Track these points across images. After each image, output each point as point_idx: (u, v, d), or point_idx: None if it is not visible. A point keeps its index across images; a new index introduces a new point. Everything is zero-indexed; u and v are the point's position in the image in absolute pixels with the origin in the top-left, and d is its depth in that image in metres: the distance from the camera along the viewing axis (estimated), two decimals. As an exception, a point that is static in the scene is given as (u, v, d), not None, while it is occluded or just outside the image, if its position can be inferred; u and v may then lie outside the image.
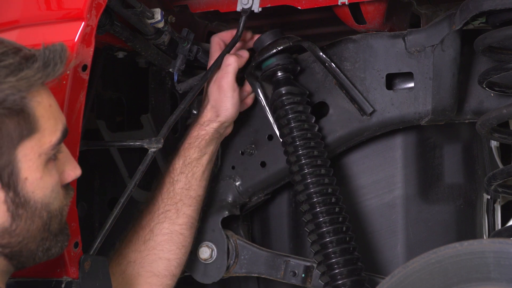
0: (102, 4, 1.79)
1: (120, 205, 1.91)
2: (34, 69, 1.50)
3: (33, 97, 1.51)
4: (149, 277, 2.01)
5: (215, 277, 2.16)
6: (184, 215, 2.05)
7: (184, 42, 2.08)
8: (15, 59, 1.50)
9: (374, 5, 2.00)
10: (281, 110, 2.05)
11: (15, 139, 1.50)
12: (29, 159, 1.52)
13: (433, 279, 1.60)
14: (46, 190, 1.56)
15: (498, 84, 1.93)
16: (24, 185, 1.52)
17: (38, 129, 1.52)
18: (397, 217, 2.16)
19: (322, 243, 1.96)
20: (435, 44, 1.97)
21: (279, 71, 2.08)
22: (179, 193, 2.05)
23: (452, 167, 2.19)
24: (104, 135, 2.21)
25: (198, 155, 2.06)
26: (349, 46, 2.07)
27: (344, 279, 1.93)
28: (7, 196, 1.52)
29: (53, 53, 1.52)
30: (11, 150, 1.50)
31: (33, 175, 1.53)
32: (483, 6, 1.80)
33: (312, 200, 1.98)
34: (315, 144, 2.03)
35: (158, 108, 2.21)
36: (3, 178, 1.50)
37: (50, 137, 1.54)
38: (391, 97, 2.04)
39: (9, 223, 1.53)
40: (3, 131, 1.48)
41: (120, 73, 2.26)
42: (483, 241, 1.66)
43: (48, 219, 1.58)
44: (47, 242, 1.60)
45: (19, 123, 1.49)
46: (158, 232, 2.03)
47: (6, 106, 1.47)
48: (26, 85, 1.49)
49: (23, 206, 1.53)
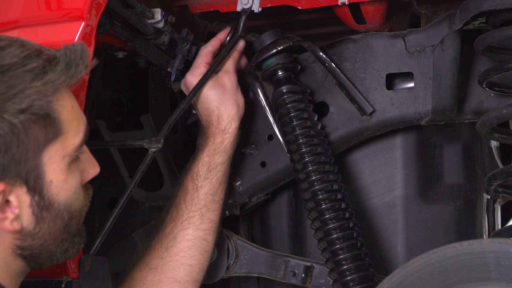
0: (102, 4, 1.79)
1: (120, 205, 1.91)
2: (57, 72, 1.50)
3: (58, 101, 1.51)
4: (171, 283, 1.99)
5: (215, 277, 2.16)
6: (207, 220, 2.04)
7: (183, 43, 2.08)
8: (38, 62, 1.50)
9: (374, 5, 2.00)
10: (283, 109, 2.05)
11: (41, 144, 1.50)
12: (53, 162, 1.52)
13: (433, 279, 1.60)
14: (70, 192, 1.56)
15: (498, 84, 1.93)
16: (49, 188, 1.53)
17: (62, 132, 1.52)
18: (397, 217, 2.16)
19: (329, 240, 1.97)
20: (435, 44, 1.97)
21: (279, 70, 2.08)
22: (203, 198, 2.03)
23: (452, 167, 2.19)
24: (104, 135, 2.22)
25: (223, 159, 2.05)
26: (349, 46, 2.07)
27: (353, 274, 1.94)
28: (33, 199, 1.52)
29: (74, 53, 1.52)
30: (37, 155, 1.50)
31: (58, 177, 1.53)
32: (483, 6, 1.80)
33: (318, 198, 1.98)
34: (319, 141, 2.03)
35: (158, 108, 2.21)
36: (29, 182, 1.50)
37: (73, 138, 1.55)
38: (391, 97, 2.04)
39: (33, 226, 1.54)
40: (30, 136, 1.48)
41: (120, 73, 2.27)
42: (483, 241, 1.66)
43: (69, 220, 1.58)
44: (66, 243, 1.60)
45: (45, 127, 1.49)
46: (181, 238, 2.01)
47: (33, 111, 1.47)
48: (51, 90, 1.49)
49: (47, 209, 1.54)
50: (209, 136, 2.04)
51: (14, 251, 1.55)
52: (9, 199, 1.50)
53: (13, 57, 1.49)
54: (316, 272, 2.11)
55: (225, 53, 2.06)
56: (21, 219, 1.52)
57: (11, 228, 1.51)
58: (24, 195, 1.51)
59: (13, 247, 1.55)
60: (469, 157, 2.21)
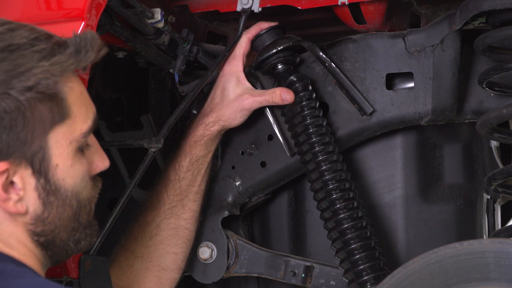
0: (102, 4, 1.79)
1: (120, 205, 1.91)
2: (66, 55, 1.50)
3: (66, 83, 1.51)
4: (157, 271, 2.05)
5: (215, 277, 2.16)
6: (189, 210, 2.09)
7: (184, 43, 2.08)
8: (47, 44, 1.50)
9: (374, 5, 2.00)
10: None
11: (47, 124, 1.49)
12: (60, 146, 1.51)
13: (433, 279, 1.60)
14: (76, 179, 1.55)
15: (498, 84, 1.93)
16: (55, 172, 1.52)
17: (70, 115, 1.52)
18: (397, 217, 2.16)
19: (344, 239, 1.97)
20: (435, 44, 1.97)
21: (279, 64, 2.08)
22: (185, 189, 2.08)
23: (452, 167, 2.19)
24: (104, 135, 2.22)
25: (204, 152, 2.08)
26: (349, 46, 2.07)
27: (369, 274, 1.95)
28: (38, 182, 1.51)
29: (84, 40, 1.52)
30: (43, 136, 1.49)
31: (64, 162, 1.52)
32: (483, 6, 1.80)
33: (332, 197, 1.99)
34: (329, 139, 2.03)
35: (158, 108, 2.21)
36: (34, 164, 1.49)
37: (81, 124, 1.54)
38: (391, 97, 2.04)
39: (41, 211, 1.53)
40: (36, 115, 1.47)
41: (120, 73, 2.27)
42: (483, 241, 1.67)
43: (78, 208, 1.57)
44: (77, 233, 1.59)
45: (51, 108, 1.49)
46: (164, 227, 2.06)
47: (40, 90, 1.47)
48: (59, 70, 1.49)
49: (54, 194, 1.53)
50: (193, 125, 2.08)
51: (32, 237, 1.55)
52: (13, 180, 1.49)
53: (23, 38, 1.49)
54: (316, 272, 2.11)
55: (225, 53, 2.06)
56: (26, 202, 1.51)
57: (15, 209, 1.50)
58: (29, 177, 1.50)
59: (30, 234, 1.54)
60: (469, 157, 2.21)
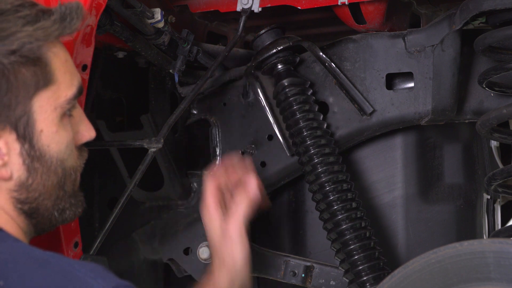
0: (102, 4, 1.79)
1: (120, 205, 1.91)
2: (51, 21, 1.50)
3: (50, 48, 1.51)
4: None
5: (215, 277, 2.16)
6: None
7: (184, 43, 2.08)
8: (32, 10, 1.50)
9: (374, 5, 2.00)
10: (284, 102, 2.05)
11: (31, 89, 1.49)
12: (44, 111, 1.51)
13: (433, 279, 1.60)
14: (61, 145, 1.55)
15: (498, 84, 1.93)
16: (40, 138, 1.52)
17: (54, 81, 1.52)
18: (397, 217, 2.16)
19: (343, 240, 1.97)
20: (435, 44, 1.97)
21: (279, 64, 2.08)
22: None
23: (452, 167, 2.19)
24: (104, 135, 2.21)
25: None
26: (349, 46, 2.07)
27: (368, 275, 1.95)
28: (23, 148, 1.51)
29: (69, 9, 1.52)
30: (27, 100, 1.49)
31: (49, 128, 1.52)
32: (483, 6, 1.80)
33: (329, 199, 1.99)
34: (327, 141, 2.03)
35: (158, 108, 2.21)
36: (18, 129, 1.49)
37: (66, 91, 1.54)
38: (391, 97, 2.04)
39: (26, 177, 1.53)
40: (19, 79, 1.47)
41: (120, 73, 2.26)
42: (483, 241, 1.66)
43: (63, 176, 1.57)
44: (62, 202, 1.59)
45: (35, 72, 1.49)
46: None
47: (23, 54, 1.47)
48: (43, 35, 1.49)
49: (39, 160, 1.52)
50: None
51: (15, 205, 1.55)
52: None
53: (7, 4, 1.50)
54: (316, 272, 2.12)
55: (225, 53, 2.06)
56: (10, 168, 1.51)
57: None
58: (13, 142, 1.50)
59: (13, 201, 1.54)
60: (469, 157, 2.21)
